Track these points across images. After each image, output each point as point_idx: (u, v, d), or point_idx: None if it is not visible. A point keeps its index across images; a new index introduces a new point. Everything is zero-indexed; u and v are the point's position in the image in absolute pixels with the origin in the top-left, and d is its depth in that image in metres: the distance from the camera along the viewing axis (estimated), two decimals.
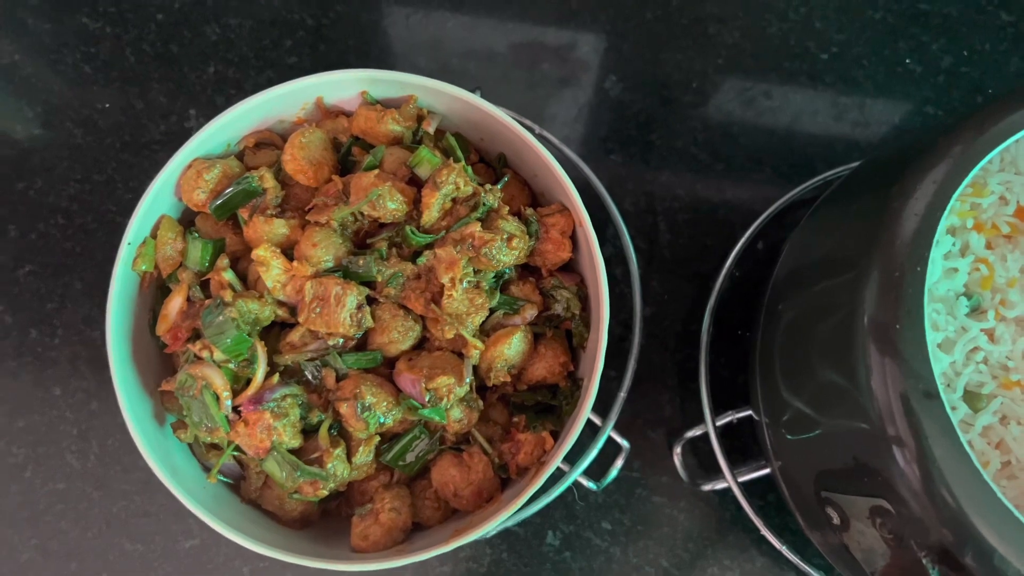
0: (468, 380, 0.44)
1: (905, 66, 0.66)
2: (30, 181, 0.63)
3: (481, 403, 0.46)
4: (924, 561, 0.39)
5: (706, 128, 0.65)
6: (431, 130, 0.48)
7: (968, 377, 0.45)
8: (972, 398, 0.45)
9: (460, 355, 0.45)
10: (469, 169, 0.46)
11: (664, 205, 0.63)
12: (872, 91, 0.65)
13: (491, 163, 0.51)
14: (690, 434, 0.57)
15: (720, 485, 0.56)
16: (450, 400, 0.44)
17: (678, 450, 0.57)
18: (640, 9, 0.67)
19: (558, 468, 0.55)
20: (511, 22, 0.67)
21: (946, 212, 0.40)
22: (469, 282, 0.44)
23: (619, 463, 0.57)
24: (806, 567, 0.55)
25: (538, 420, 0.46)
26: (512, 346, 0.45)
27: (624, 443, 0.57)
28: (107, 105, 0.64)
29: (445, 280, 0.44)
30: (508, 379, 0.45)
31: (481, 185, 0.45)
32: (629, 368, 0.57)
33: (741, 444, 0.59)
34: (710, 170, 0.64)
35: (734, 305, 0.59)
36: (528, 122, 0.59)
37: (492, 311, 0.46)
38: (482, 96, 0.60)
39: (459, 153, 0.46)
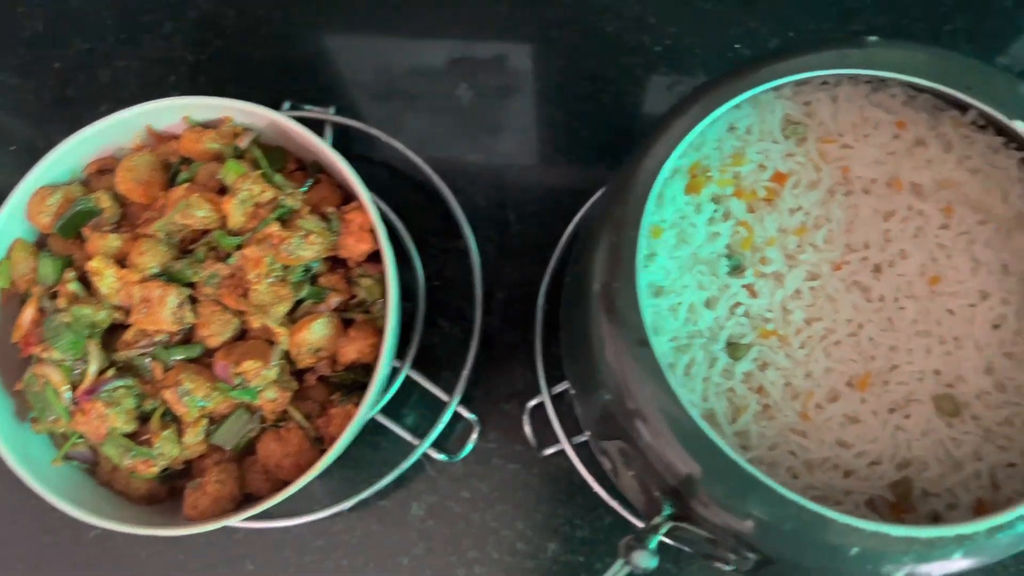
0: (276, 363, 0.50)
1: (735, 51, 0.70)
2: None
3: (296, 383, 0.52)
4: (656, 495, 0.44)
5: (551, 124, 0.70)
6: (244, 145, 0.54)
7: (731, 329, 0.49)
8: (734, 348, 0.49)
9: (271, 343, 0.51)
10: (278, 176, 0.53)
11: (513, 198, 0.69)
12: (704, 77, 0.70)
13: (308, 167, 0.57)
14: (531, 404, 0.62)
15: (556, 449, 0.61)
16: (259, 382, 0.50)
17: (526, 419, 0.62)
18: (490, 23, 0.72)
19: (412, 444, 0.61)
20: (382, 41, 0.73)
21: (658, 184, 0.45)
22: (276, 276, 0.50)
23: (474, 436, 0.63)
24: (637, 521, 0.59)
25: (351, 396, 0.52)
26: (314, 331, 0.51)
27: (471, 417, 0.62)
28: (14, 148, 0.72)
29: (251, 276, 0.50)
30: (315, 361, 0.51)
31: (282, 190, 0.51)
32: (472, 348, 0.63)
33: None
34: (555, 162, 0.69)
35: None
36: (375, 131, 0.66)
37: (302, 301, 0.52)
38: (339, 113, 0.67)
39: (264, 163, 0.52)
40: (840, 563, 0.41)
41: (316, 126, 0.67)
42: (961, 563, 0.41)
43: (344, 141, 0.68)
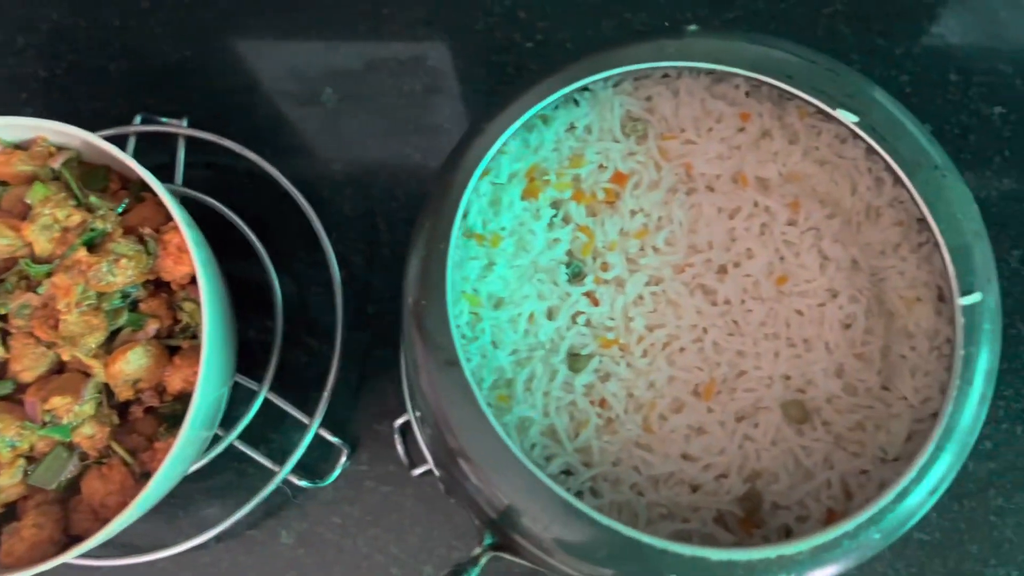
0: (90, 397, 0.47)
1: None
2: None
3: (115, 418, 0.49)
4: (479, 525, 0.42)
5: (417, 130, 0.67)
6: (56, 166, 0.51)
7: (571, 340, 0.47)
8: (575, 360, 0.47)
9: (87, 375, 0.48)
10: (93, 198, 0.49)
11: (383, 207, 0.66)
12: None
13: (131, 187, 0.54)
14: (398, 422, 0.59)
15: (426, 468, 0.58)
16: (71, 418, 0.47)
17: (397, 439, 0.60)
18: (350, 23, 0.69)
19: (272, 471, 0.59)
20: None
21: (468, 193, 0.42)
22: (88, 305, 0.47)
23: (342, 459, 0.60)
24: None
25: (177, 428, 0.49)
26: (130, 361, 0.48)
27: (336, 440, 0.60)
28: None
29: (61, 306, 0.47)
30: (134, 393, 0.48)
31: (93, 212, 0.48)
32: (332, 367, 0.60)
33: None
34: (425, 167, 0.66)
35: None
36: (228, 141, 0.63)
37: (120, 329, 0.49)
38: (195, 125, 0.64)
39: (74, 184, 0.49)
40: None
41: (170, 140, 0.64)
42: None
43: (203, 154, 0.65)
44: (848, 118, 0.42)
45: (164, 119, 0.65)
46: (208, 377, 0.47)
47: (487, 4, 0.69)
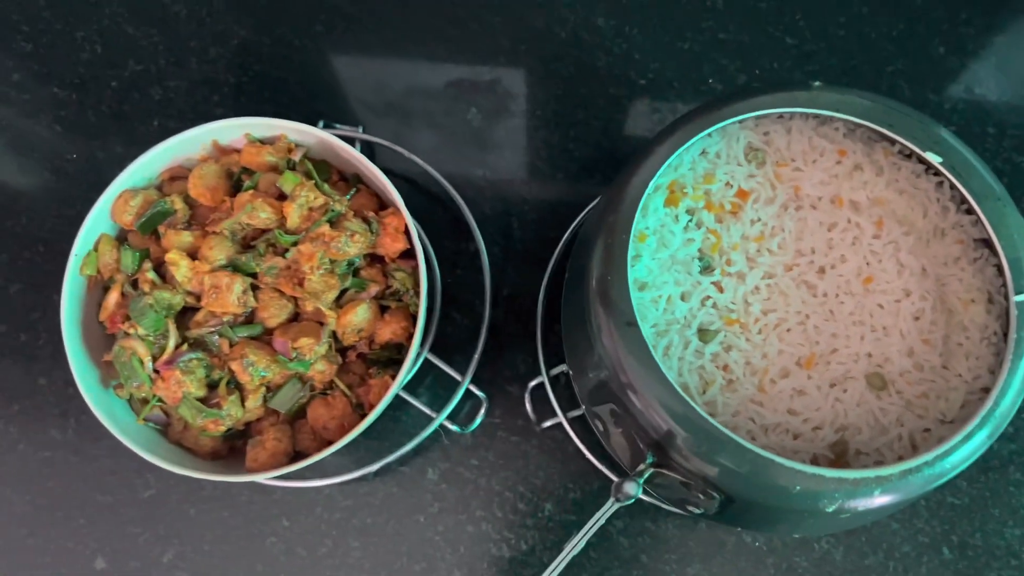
0: (325, 340, 0.60)
1: (708, 85, 0.81)
2: (17, 219, 0.80)
3: (340, 358, 0.62)
4: (642, 447, 0.55)
5: (547, 146, 0.80)
6: (297, 158, 0.64)
7: (701, 318, 0.60)
8: (704, 334, 0.60)
9: (321, 323, 0.61)
10: (326, 186, 0.63)
11: (516, 208, 0.79)
12: (681, 106, 0.81)
13: (349, 179, 0.68)
14: (532, 383, 0.72)
15: (554, 422, 0.71)
16: (312, 356, 0.60)
17: (527, 397, 0.73)
18: (495, 54, 0.83)
19: (429, 416, 0.71)
20: (406, 65, 0.83)
21: (644, 197, 0.56)
22: (325, 269, 0.60)
23: (482, 411, 0.73)
24: None
25: (385, 369, 0.62)
26: (358, 314, 0.61)
27: (481, 395, 0.72)
28: (75, 156, 0.81)
29: (306, 268, 0.60)
30: (358, 339, 0.61)
31: (331, 197, 0.62)
32: (482, 336, 0.73)
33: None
34: (552, 178, 0.80)
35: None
36: (398, 148, 0.76)
37: (346, 290, 0.62)
38: (366, 131, 0.77)
39: (314, 174, 0.63)
40: (786, 499, 0.51)
41: (347, 143, 0.77)
42: (881, 499, 0.51)
43: (368, 156, 0.78)
44: (934, 159, 0.56)
45: (339, 125, 0.78)
46: (421, 328, 0.60)
47: (607, 45, 0.83)
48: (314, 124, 0.77)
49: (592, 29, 0.84)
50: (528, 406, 0.73)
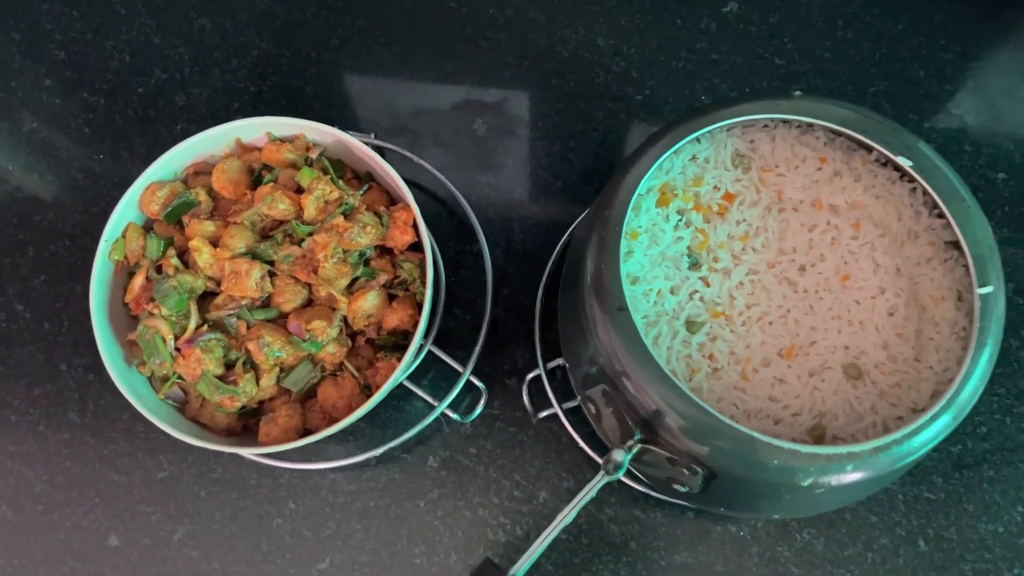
0: (337, 324, 0.64)
1: (701, 102, 0.86)
2: (44, 214, 0.84)
3: (350, 342, 0.66)
4: (631, 425, 0.59)
5: (548, 156, 0.85)
6: (314, 156, 0.69)
7: (689, 310, 0.64)
8: (691, 325, 0.64)
9: (333, 309, 0.65)
10: (340, 182, 0.67)
11: (518, 213, 0.84)
12: None
13: (361, 177, 0.72)
14: (529, 376, 0.76)
15: (549, 412, 0.75)
16: (324, 338, 0.64)
17: (525, 389, 0.76)
18: (501, 69, 0.88)
19: (431, 405, 0.75)
20: (420, 84, 0.88)
21: (636, 197, 0.60)
22: (338, 258, 0.65)
23: (482, 402, 0.76)
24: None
25: (392, 354, 0.66)
26: (368, 301, 0.65)
27: (481, 385, 0.76)
28: (102, 156, 0.86)
29: (320, 256, 0.64)
30: (367, 325, 0.65)
31: (345, 191, 0.66)
32: (483, 330, 0.77)
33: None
34: (552, 186, 0.84)
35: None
36: (408, 153, 0.81)
37: (357, 278, 0.66)
38: (377, 138, 0.82)
39: (331, 170, 0.67)
40: (765, 473, 0.55)
41: None
42: (853, 475, 0.55)
43: None
44: (905, 162, 0.61)
45: (352, 132, 0.83)
46: (427, 315, 0.64)
47: (606, 63, 0.88)
48: None
49: (592, 48, 0.89)
50: (525, 398, 0.76)
